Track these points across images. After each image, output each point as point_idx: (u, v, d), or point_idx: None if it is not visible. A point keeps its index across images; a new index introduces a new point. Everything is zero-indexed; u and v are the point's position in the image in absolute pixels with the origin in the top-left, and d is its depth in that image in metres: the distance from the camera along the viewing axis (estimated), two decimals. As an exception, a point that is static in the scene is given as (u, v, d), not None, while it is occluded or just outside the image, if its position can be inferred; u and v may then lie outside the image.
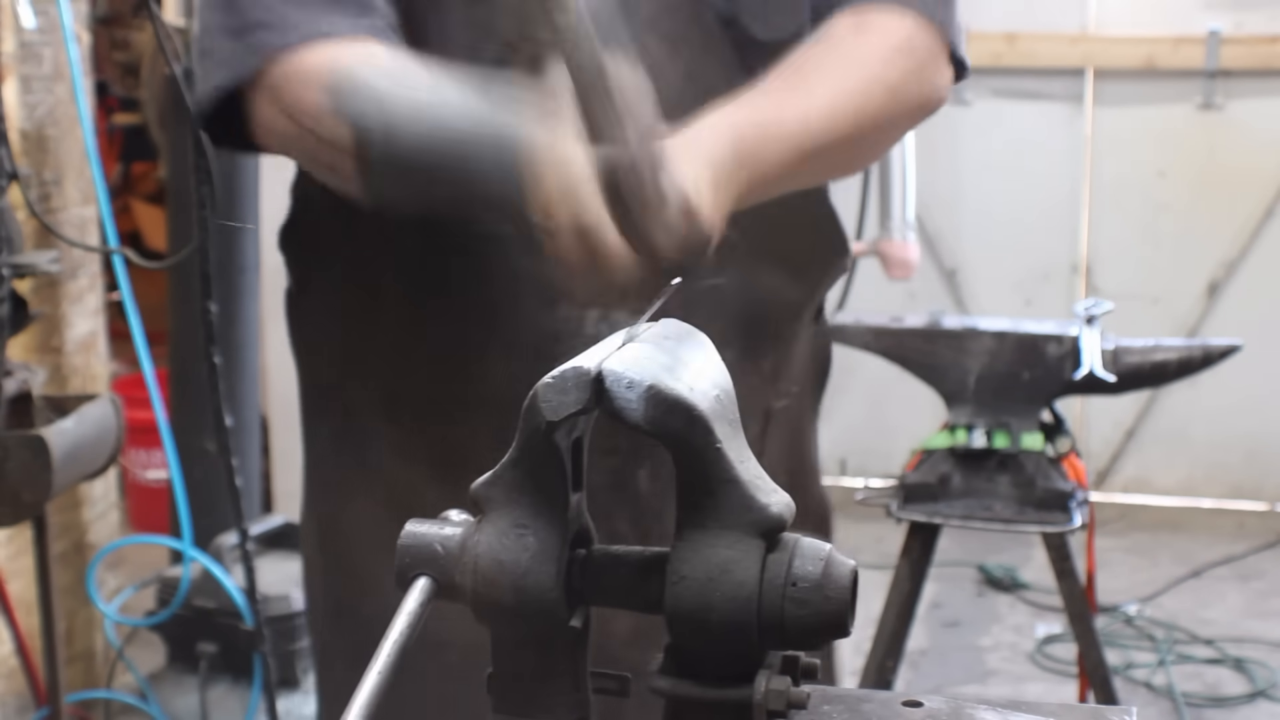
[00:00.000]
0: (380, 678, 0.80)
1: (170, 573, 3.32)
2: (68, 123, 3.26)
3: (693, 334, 0.92)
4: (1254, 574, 4.66)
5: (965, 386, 2.83)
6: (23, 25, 3.11)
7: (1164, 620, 4.25)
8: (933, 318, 2.92)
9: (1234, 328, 4.43)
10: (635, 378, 0.82)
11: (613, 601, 0.88)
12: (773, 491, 0.84)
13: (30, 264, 2.45)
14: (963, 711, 0.89)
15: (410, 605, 0.85)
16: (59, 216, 3.23)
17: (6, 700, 3.22)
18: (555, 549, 0.85)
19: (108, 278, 3.46)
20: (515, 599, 0.85)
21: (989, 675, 3.98)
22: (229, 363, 3.08)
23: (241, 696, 3.21)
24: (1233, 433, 5.07)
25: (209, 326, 2.10)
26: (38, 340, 3.23)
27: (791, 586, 0.82)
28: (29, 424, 2.47)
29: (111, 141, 6.91)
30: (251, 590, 2.52)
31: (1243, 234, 4.97)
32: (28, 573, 3.05)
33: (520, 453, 0.85)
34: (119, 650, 3.37)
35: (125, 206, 6.86)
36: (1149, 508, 5.17)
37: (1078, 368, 2.76)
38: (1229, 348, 2.90)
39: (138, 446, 4.46)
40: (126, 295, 2.96)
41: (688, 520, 0.83)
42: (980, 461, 2.81)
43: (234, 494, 2.33)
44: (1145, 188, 5.03)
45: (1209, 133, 4.96)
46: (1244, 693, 3.85)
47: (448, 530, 0.88)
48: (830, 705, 0.90)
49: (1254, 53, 4.88)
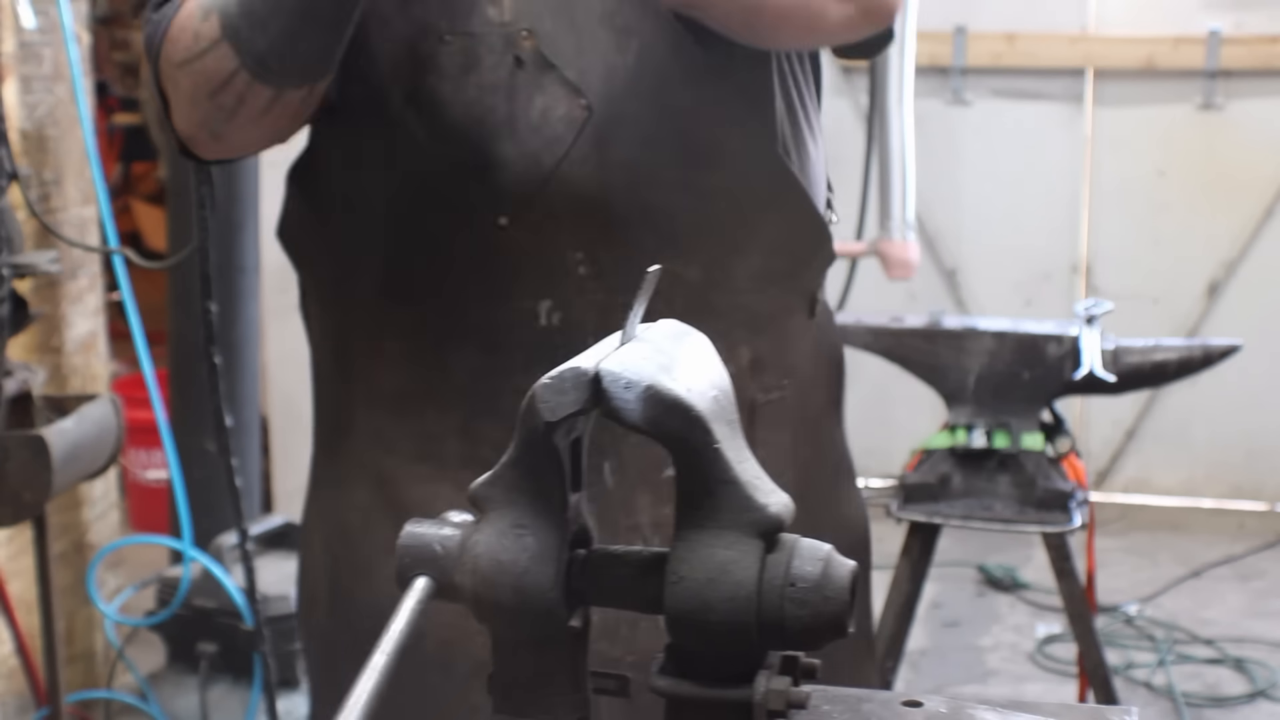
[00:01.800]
0: (378, 676, 0.80)
1: (170, 573, 3.32)
2: (68, 123, 3.26)
3: (691, 334, 0.92)
4: (1254, 574, 4.66)
5: (965, 386, 2.84)
6: (23, 25, 3.12)
7: (1164, 620, 4.25)
8: (933, 318, 2.92)
9: (1234, 328, 4.44)
10: (633, 378, 0.82)
11: (612, 602, 0.88)
12: (771, 492, 0.84)
13: (30, 264, 2.45)
14: (963, 711, 0.89)
15: (409, 605, 0.85)
16: (59, 216, 3.23)
17: (6, 700, 3.23)
18: (554, 549, 0.85)
19: (108, 278, 3.47)
20: (514, 599, 0.85)
21: (989, 675, 3.98)
22: (229, 363, 3.08)
23: (241, 696, 3.21)
24: (1233, 433, 5.07)
25: (209, 326, 2.09)
26: (38, 340, 3.23)
27: (790, 587, 0.82)
28: (29, 424, 2.47)
29: (111, 141, 6.91)
30: (251, 590, 2.52)
31: (1243, 234, 4.97)
32: (28, 573, 3.05)
33: (519, 453, 0.85)
34: (119, 650, 3.37)
35: (125, 206, 6.86)
36: (1149, 508, 5.17)
37: (1078, 368, 2.76)
38: (1229, 348, 2.90)
39: (138, 446, 4.46)
40: (126, 295, 2.96)
41: (686, 520, 0.83)
42: (980, 461, 2.81)
43: (234, 494, 2.32)
44: (1145, 188, 5.03)
45: (1209, 133, 4.96)
46: (1244, 693, 3.85)
47: (447, 530, 0.88)
48: (830, 705, 0.90)
49: (1254, 53, 4.88)
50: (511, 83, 1.39)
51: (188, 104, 1.38)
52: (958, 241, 5.14)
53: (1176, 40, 4.91)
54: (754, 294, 1.50)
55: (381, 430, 1.51)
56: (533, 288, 1.42)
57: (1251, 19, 4.88)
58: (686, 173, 1.43)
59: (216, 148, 1.44)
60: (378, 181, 1.45)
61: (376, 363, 1.51)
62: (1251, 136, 4.93)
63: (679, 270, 1.43)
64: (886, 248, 4.14)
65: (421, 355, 1.48)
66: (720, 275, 1.47)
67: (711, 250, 1.46)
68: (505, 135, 1.39)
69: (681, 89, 1.42)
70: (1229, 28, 4.88)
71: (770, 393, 1.54)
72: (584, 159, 1.40)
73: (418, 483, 1.49)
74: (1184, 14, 4.91)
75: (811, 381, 1.61)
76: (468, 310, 1.44)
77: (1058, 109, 5.05)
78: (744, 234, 1.48)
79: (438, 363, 1.47)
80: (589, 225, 1.41)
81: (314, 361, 1.62)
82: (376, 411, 1.52)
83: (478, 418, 1.46)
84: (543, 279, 1.42)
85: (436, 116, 1.40)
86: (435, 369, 1.47)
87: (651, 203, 1.43)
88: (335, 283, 1.54)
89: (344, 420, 1.56)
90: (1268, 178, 4.93)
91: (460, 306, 1.45)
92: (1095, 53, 4.99)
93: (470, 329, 1.45)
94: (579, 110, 1.39)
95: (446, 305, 1.45)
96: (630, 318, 0.88)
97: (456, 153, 1.40)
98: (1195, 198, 4.99)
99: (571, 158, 1.39)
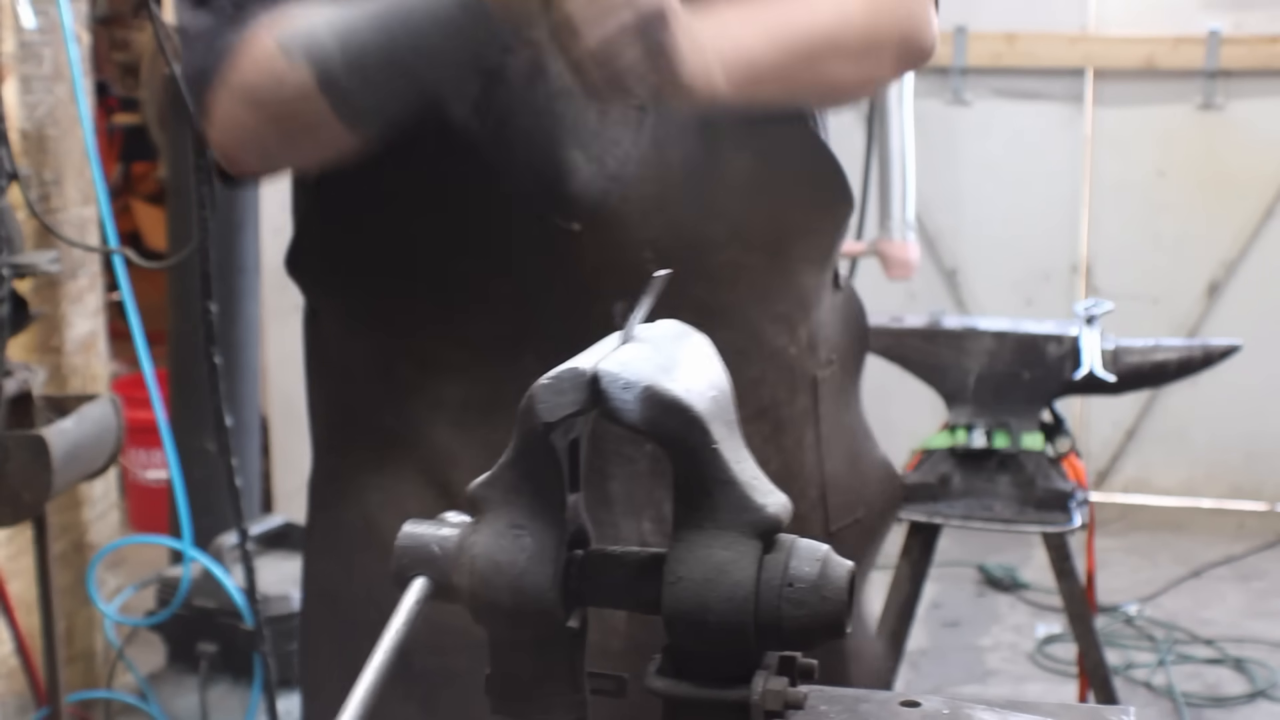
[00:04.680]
0: (377, 676, 0.80)
1: (170, 573, 3.32)
2: (68, 123, 3.26)
3: (690, 334, 0.92)
4: (1254, 574, 4.66)
5: (965, 386, 2.83)
6: (23, 25, 3.12)
7: (1164, 620, 4.25)
8: (933, 318, 2.91)
9: (1234, 328, 4.43)
10: (631, 378, 0.82)
11: (610, 602, 0.88)
12: (769, 492, 0.84)
13: (30, 264, 2.45)
14: (962, 711, 0.89)
15: (407, 605, 0.85)
16: (59, 216, 3.23)
17: (6, 700, 3.23)
18: (552, 550, 0.85)
19: (108, 278, 3.47)
20: (512, 600, 0.85)
21: (989, 675, 3.98)
22: (229, 363, 3.08)
23: (241, 696, 3.21)
24: (1233, 433, 5.07)
25: (209, 326, 2.10)
26: (38, 340, 3.23)
27: (788, 587, 0.82)
28: (29, 424, 2.47)
29: (111, 141, 6.91)
30: (251, 590, 2.52)
31: (1243, 234, 4.97)
32: (28, 573, 3.05)
33: (517, 454, 0.85)
34: (119, 650, 3.37)
35: (125, 206, 6.86)
36: (1149, 508, 5.17)
37: (1078, 368, 2.76)
38: (1229, 348, 2.90)
39: (138, 446, 4.46)
40: (126, 295, 2.96)
41: (684, 521, 0.83)
42: (980, 461, 2.81)
43: (234, 494, 2.32)
44: (1145, 188, 5.02)
45: (1209, 133, 4.96)
46: (1244, 693, 3.85)
47: (445, 531, 0.88)
48: (828, 705, 0.90)
49: (1254, 53, 4.88)
50: (572, 89, 1.39)
51: (246, 132, 1.36)
52: (958, 241, 5.14)
53: (1176, 40, 4.91)
54: (804, 274, 1.53)
55: (445, 444, 1.50)
56: (608, 290, 1.41)
57: (1251, 19, 4.88)
58: (738, 160, 1.45)
59: (257, 165, 1.43)
60: (438, 193, 1.44)
61: (439, 377, 1.49)
62: (1251, 136, 4.93)
63: (741, 259, 1.45)
64: (886, 248, 4.14)
65: (494, 365, 1.46)
66: (780, 259, 1.49)
67: (771, 235, 1.48)
68: (572, 142, 1.40)
69: None
70: (1229, 28, 4.88)
71: (826, 368, 1.57)
72: (646, 158, 1.41)
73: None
74: (1184, 14, 4.91)
75: (846, 351, 1.64)
76: (544, 317, 1.44)
77: (1058, 109, 5.05)
78: (797, 216, 1.51)
79: (511, 373, 1.45)
80: (656, 223, 1.42)
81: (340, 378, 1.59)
82: (438, 426, 1.50)
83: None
84: (617, 281, 1.40)
85: (504, 126, 1.40)
86: (507, 378, 1.45)
87: (711, 193, 1.44)
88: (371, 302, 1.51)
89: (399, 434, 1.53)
90: (1268, 178, 4.93)
91: (536, 314, 1.44)
92: (1095, 53, 4.99)
93: (547, 335, 1.43)
94: (633, 111, 1.40)
95: (522, 314, 1.44)
96: (630, 318, 0.88)
97: (527, 161, 1.40)
98: (1195, 198, 4.99)
99: (634, 158, 1.40)
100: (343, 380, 1.59)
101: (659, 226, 1.43)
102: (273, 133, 1.36)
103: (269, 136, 1.37)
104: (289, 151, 1.39)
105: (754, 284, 1.47)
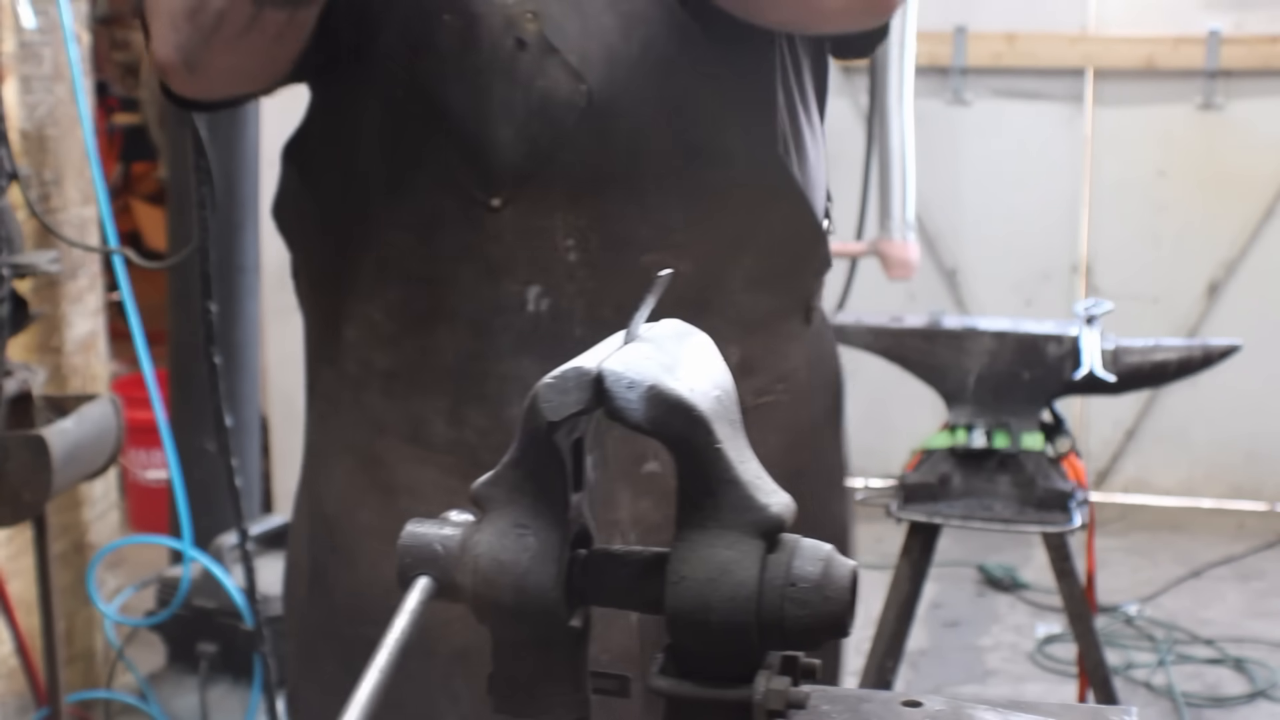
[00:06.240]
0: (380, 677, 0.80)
1: (170, 573, 3.32)
2: (68, 123, 3.26)
3: (694, 333, 0.92)
4: (1254, 574, 4.66)
5: (965, 386, 2.83)
6: (23, 25, 3.12)
7: (1164, 620, 4.25)
8: (933, 318, 2.91)
9: (1234, 328, 4.44)
10: (635, 378, 0.82)
11: (613, 602, 0.88)
12: (773, 492, 0.84)
13: (30, 264, 2.45)
14: (962, 711, 0.89)
15: (410, 605, 0.85)
16: (59, 216, 3.23)
17: (6, 700, 3.22)
18: (555, 549, 0.85)
19: (108, 278, 3.47)
20: (515, 599, 0.85)
21: (989, 675, 3.98)
22: (229, 363, 3.08)
23: (241, 696, 3.21)
24: (1233, 433, 5.07)
25: (209, 326, 2.09)
26: (38, 340, 3.23)
27: (791, 587, 0.82)
28: (29, 424, 2.47)
29: (111, 141, 6.91)
30: (251, 590, 2.52)
31: (1243, 234, 4.97)
32: (28, 573, 3.05)
33: (521, 453, 0.85)
34: (119, 650, 3.37)
35: (125, 206, 6.86)
36: (1149, 508, 5.17)
37: (1078, 368, 2.76)
38: (1229, 348, 2.90)
39: (138, 446, 4.46)
40: (126, 295, 2.96)
41: (688, 520, 0.83)
42: (980, 461, 2.81)
43: (234, 494, 2.32)
44: (1145, 188, 5.03)
45: (1209, 133, 4.96)
46: (1244, 693, 3.85)
47: (448, 530, 0.88)
48: (830, 705, 0.90)
49: (1254, 53, 4.88)
50: (512, 65, 1.37)
51: (167, 27, 1.34)
52: (958, 241, 5.14)
53: (1176, 40, 4.91)
54: (747, 294, 1.48)
55: (373, 409, 1.50)
56: (522, 272, 1.41)
57: (1251, 19, 4.88)
58: (684, 166, 1.42)
59: (193, 81, 1.39)
60: (373, 158, 1.44)
61: (368, 341, 1.49)
62: (1251, 136, 4.93)
63: (668, 264, 1.42)
64: (886, 248, 4.14)
65: (411, 335, 1.46)
66: (713, 272, 1.45)
67: (706, 247, 1.44)
68: (502, 117, 1.38)
69: (684, 81, 1.40)
70: (1229, 28, 4.88)
71: (761, 396, 1.51)
72: (581, 145, 1.38)
73: (406, 464, 1.48)
74: (1184, 14, 4.91)
75: (807, 391, 1.58)
76: (457, 292, 1.43)
77: (1058, 109, 5.05)
78: (739, 233, 1.46)
79: (427, 344, 1.46)
80: (582, 213, 1.40)
81: (306, 340, 1.61)
82: (367, 391, 1.50)
83: (464, 402, 1.45)
84: (533, 264, 1.40)
85: (433, 95, 1.39)
86: (425, 350, 1.46)
87: (647, 193, 1.41)
88: (327, 260, 1.52)
89: (335, 399, 1.55)
90: (1268, 178, 4.93)
91: (450, 287, 1.43)
92: (1095, 53, 4.99)
93: (458, 311, 1.43)
94: (579, 95, 1.37)
95: (437, 286, 1.44)
96: (635, 317, 0.88)
97: (451, 132, 1.39)
98: (1195, 198, 4.99)
99: (568, 143, 1.38)
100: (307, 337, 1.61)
101: (585, 217, 1.40)
102: (184, 22, 1.32)
103: (185, 30, 1.33)
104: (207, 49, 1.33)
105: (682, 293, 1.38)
